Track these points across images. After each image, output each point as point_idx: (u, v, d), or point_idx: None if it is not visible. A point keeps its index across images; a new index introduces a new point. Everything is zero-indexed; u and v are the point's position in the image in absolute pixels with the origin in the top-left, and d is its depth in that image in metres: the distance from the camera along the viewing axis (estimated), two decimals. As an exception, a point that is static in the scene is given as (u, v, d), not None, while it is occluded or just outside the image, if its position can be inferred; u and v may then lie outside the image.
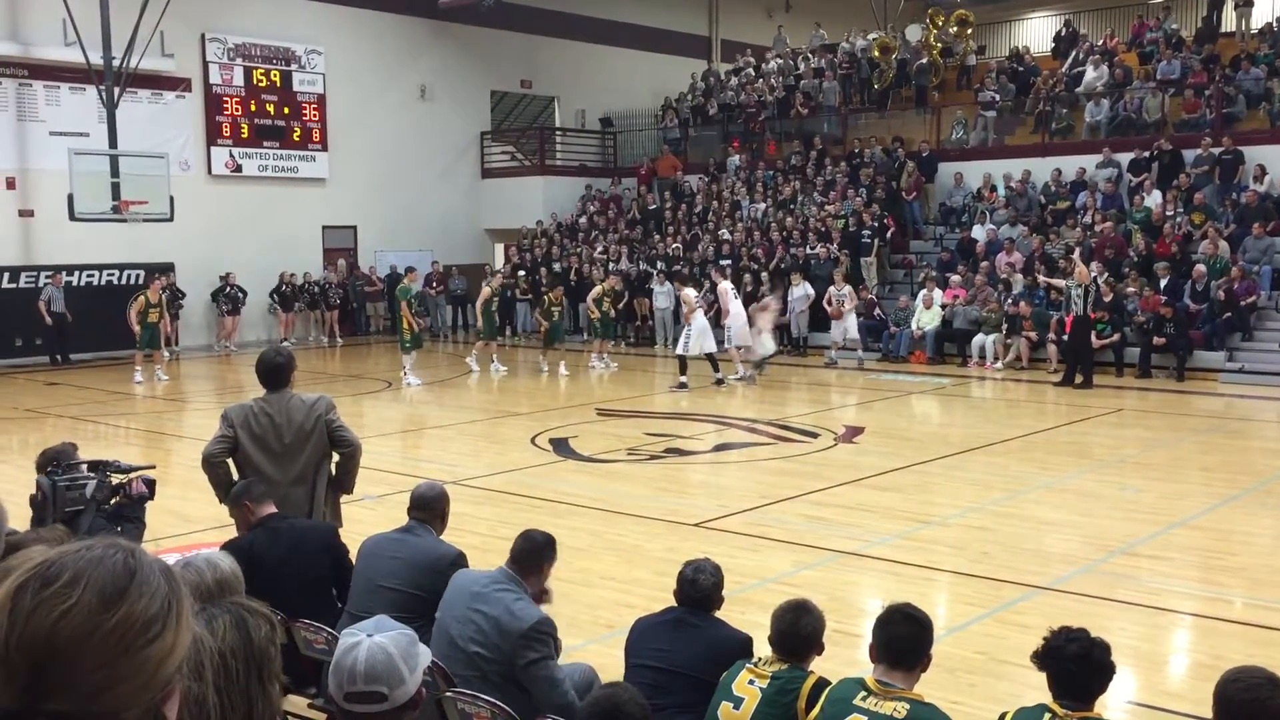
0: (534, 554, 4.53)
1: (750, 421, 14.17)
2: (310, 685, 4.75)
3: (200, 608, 1.81)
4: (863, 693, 3.51)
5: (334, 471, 6.17)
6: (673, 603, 4.47)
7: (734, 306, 18.27)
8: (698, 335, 17.53)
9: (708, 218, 25.23)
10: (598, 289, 20.78)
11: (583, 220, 27.35)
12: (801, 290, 21.13)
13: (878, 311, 21.02)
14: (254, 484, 5.44)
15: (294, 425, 5.92)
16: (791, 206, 24.21)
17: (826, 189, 24.24)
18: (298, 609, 4.67)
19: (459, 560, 4.95)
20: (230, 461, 5.97)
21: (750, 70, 29.28)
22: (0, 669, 1.15)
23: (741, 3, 34.90)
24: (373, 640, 2.34)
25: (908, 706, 3.44)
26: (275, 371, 6.00)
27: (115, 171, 20.45)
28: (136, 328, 18.44)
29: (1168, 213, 19.89)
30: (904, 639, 3.59)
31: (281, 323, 24.88)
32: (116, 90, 20.96)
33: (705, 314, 18.33)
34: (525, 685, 4.17)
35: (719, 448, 12.69)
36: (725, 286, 18.79)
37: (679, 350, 17.74)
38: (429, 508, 5.17)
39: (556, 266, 25.28)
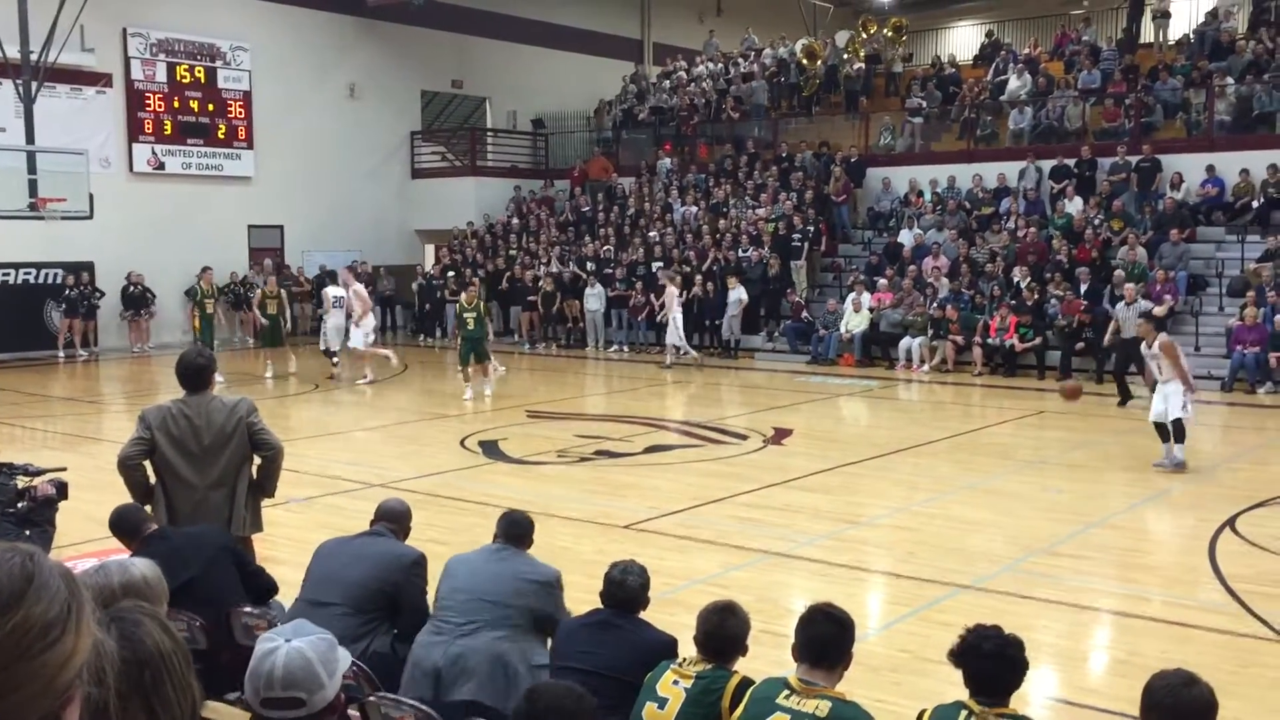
0: (526, 531, 5.10)
1: (681, 423, 14.21)
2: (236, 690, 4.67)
3: (112, 613, 1.77)
4: (786, 691, 3.55)
5: (255, 475, 6.07)
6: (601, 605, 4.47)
7: (359, 309, 18.28)
8: (334, 331, 18.39)
9: (639, 221, 25.27)
10: (464, 295, 17.83)
11: (515, 222, 27.22)
12: (735, 294, 21.25)
13: (805, 314, 21.21)
14: (125, 518, 5.17)
15: (214, 427, 5.81)
16: (724, 210, 24.34)
17: (757, 192, 24.40)
18: (211, 616, 4.59)
19: (420, 560, 5.07)
20: (148, 464, 5.83)
21: (682, 73, 29.39)
22: None
23: (673, 6, 35.02)
24: (291, 645, 2.29)
25: (830, 704, 3.48)
26: (196, 373, 5.88)
27: (32, 168, 19.90)
28: None
29: (1089, 219, 20.32)
30: (825, 638, 3.63)
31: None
32: (34, 85, 20.43)
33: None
34: (546, 628, 4.80)
35: (649, 449, 12.70)
36: (358, 289, 18.60)
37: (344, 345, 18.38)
38: (397, 520, 5.33)
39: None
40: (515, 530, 5.08)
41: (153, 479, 5.90)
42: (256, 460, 6.05)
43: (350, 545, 5.16)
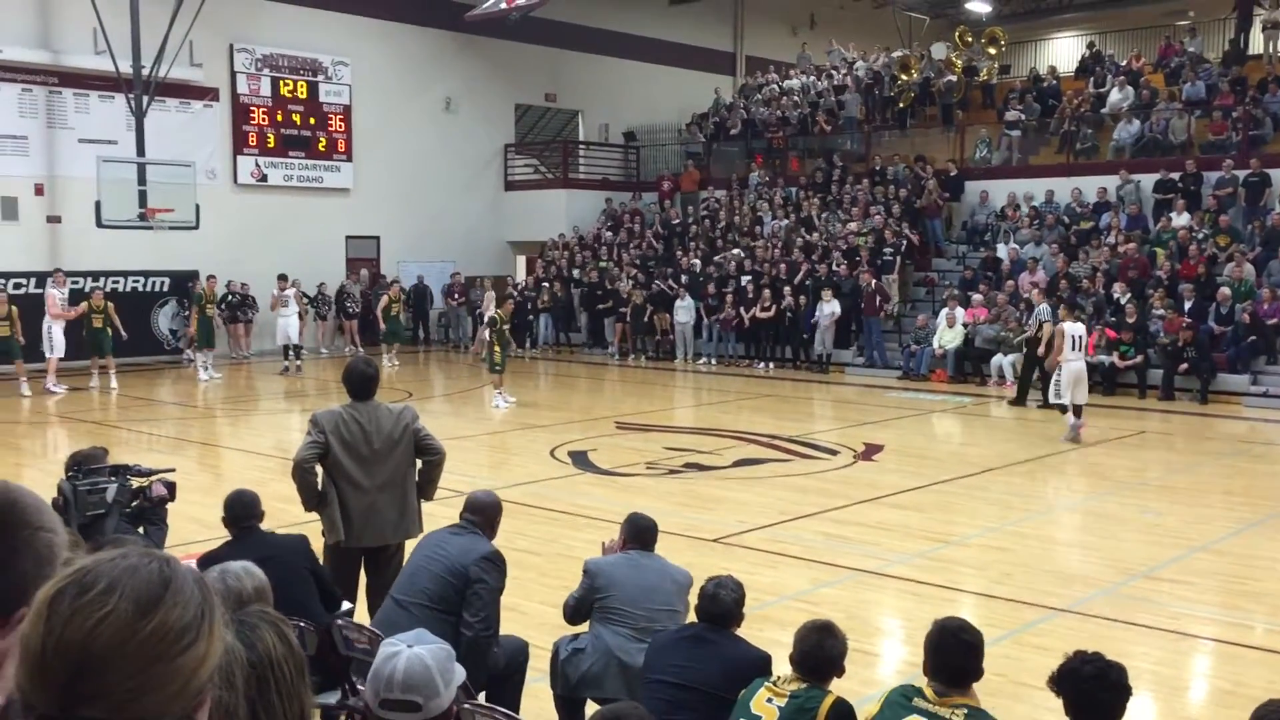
0: (651, 532, 5.29)
1: (770, 437, 14.15)
2: (336, 687, 4.79)
3: (235, 618, 1.83)
4: (920, 698, 3.56)
5: (416, 478, 6.26)
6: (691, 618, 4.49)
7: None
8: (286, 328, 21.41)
9: (729, 234, 25.26)
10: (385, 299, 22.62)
11: (608, 234, 27.41)
12: (829, 307, 21.11)
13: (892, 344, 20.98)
14: (240, 504, 5.41)
15: (383, 433, 6.02)
16: (816, 223, 24.20)
17: (849, 206, 24.22)
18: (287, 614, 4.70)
19: (492, 557, 5.00)
20: (319, 468, 6.01)
21: (774, 86, 29.34)
22: (38, 674, 1.17)
23: (766, 19, 34.98)
24: (412, 651, 2.37)
25: (965, 712, 3.50)
26: (366, 383, 6.13)
27: (142, 179, 20.62)
28: None
29: (1194, 234, 19.79)
30: (959, 665, 3.63)
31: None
32: (145, 99, 21.15)
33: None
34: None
35: (738, 463, 12.66)
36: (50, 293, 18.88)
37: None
38: (482, 513, 5.24)
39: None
40: (646, 537, 5.28)
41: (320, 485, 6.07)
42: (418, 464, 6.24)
43: (434, 540, 5.16)
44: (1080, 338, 13.93)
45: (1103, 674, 3.43)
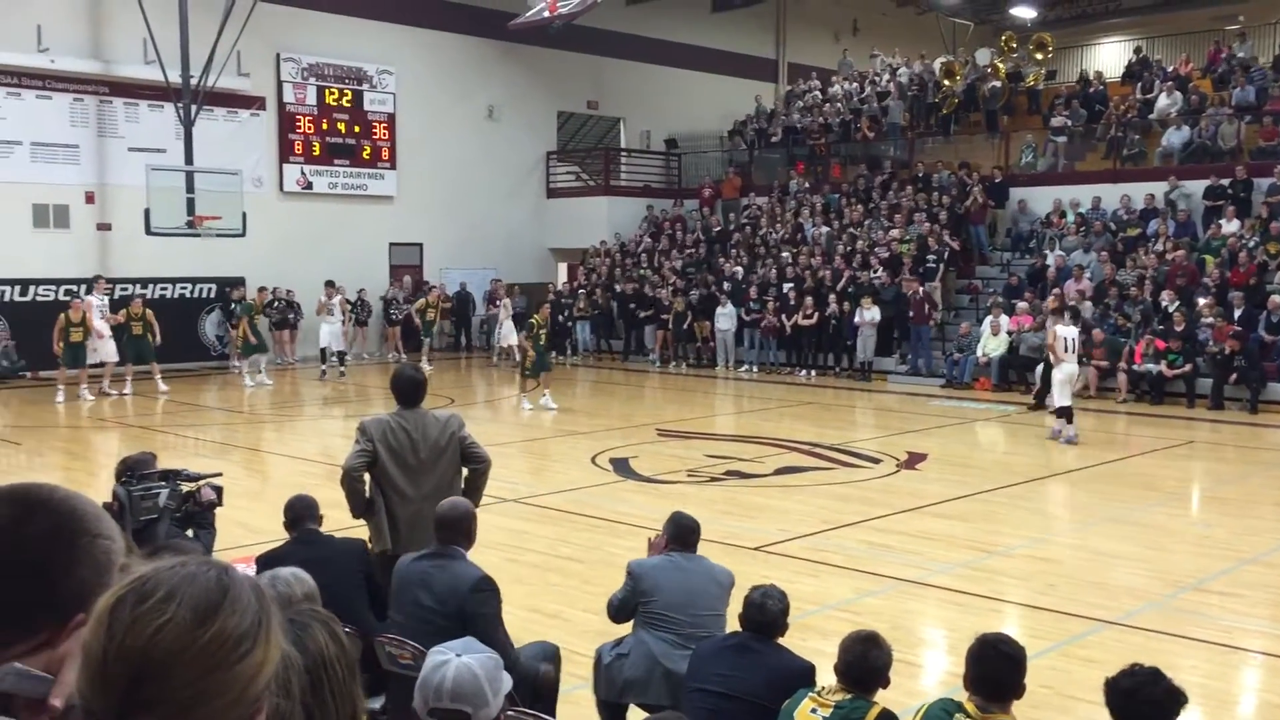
0: (694, 532, 5.29)
1: (812, 445, 14.10)
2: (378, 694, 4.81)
3: (287, 616, 1.85)
4: (961, 714, 3.54)
5: (463, 485, 6.24)
6: (733, 626, 4.48)
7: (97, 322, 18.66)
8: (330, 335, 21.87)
9: (770, 241, 25.20)
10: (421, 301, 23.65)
11: (648, 240, 27.42)
12: (869, 314, 21.00)
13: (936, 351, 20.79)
14: (299, 507, 5.49)
15: (430, 441, 6.01)
16: (856, 232, 24.08)
17: (891, 213, 24.09)
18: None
19: (481, 585, 4.73)
20: (367, 476, 6.01)
21: (816, 93, 29.25)
22: (99, 680, 1.19)
23: (808, 26, 34.88)
24: (461, 661, 2.36)
25: None
26: (414, 389, 6.13)
27: (191, 187, 20.88)
28: (58, 347, 18.11)
29: (1244, 242, 19.49)
30: (1000, 681, 3.60)
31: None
32: (194, 108, 21.42)
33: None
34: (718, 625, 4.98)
35: (780, 471, 12.61)
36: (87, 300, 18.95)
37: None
38: (455, 527, 4.92)
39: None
40: (688, 538, 5.27)
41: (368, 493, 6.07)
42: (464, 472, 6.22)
43: (416, 577, 4.83)
44: (1071, 340, 14.52)
45: (1138, 689, 3.41)
